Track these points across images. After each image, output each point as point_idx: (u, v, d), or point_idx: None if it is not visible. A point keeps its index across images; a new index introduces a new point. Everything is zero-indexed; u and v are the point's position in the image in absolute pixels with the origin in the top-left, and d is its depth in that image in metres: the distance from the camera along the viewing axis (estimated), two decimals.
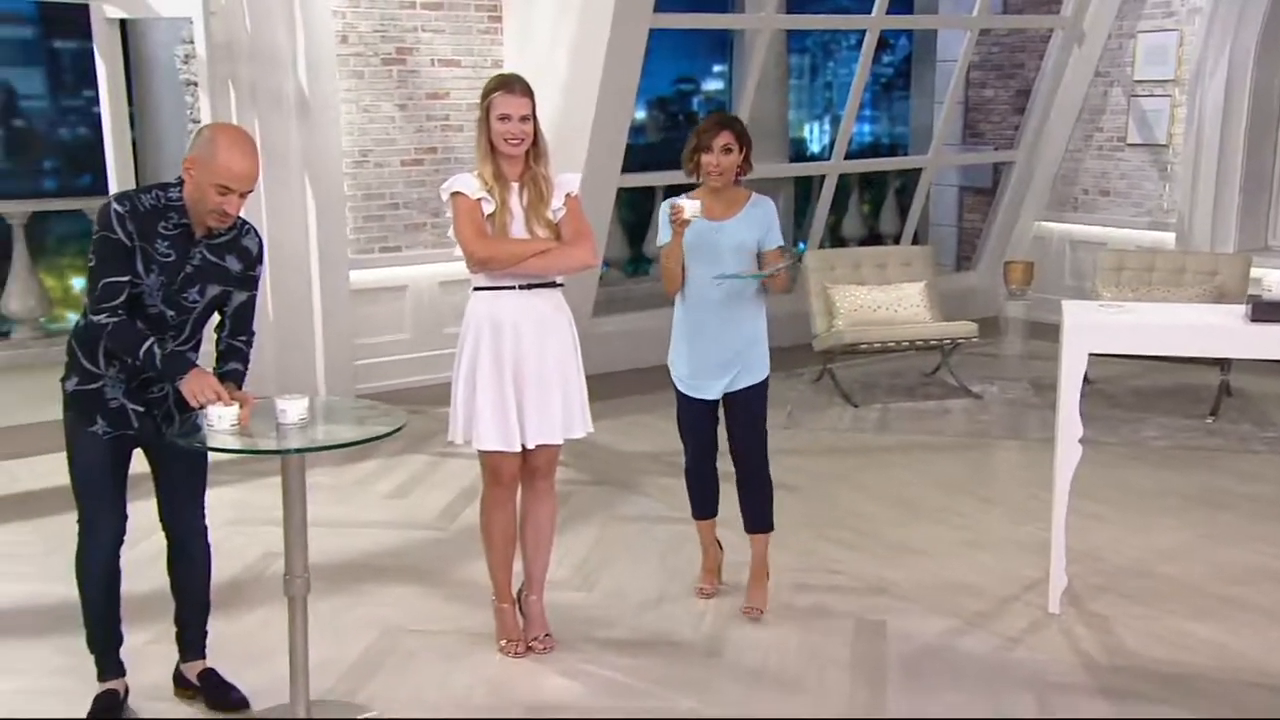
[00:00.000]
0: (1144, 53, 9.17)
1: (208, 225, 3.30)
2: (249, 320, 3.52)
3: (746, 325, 4.25)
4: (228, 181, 3.20)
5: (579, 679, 3.81)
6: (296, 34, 6.78)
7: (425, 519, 5.30)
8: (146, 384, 3.39)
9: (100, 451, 3.40)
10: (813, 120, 14.43)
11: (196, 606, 3.71)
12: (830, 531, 5.15)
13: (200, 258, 3.33)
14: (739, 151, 4.14)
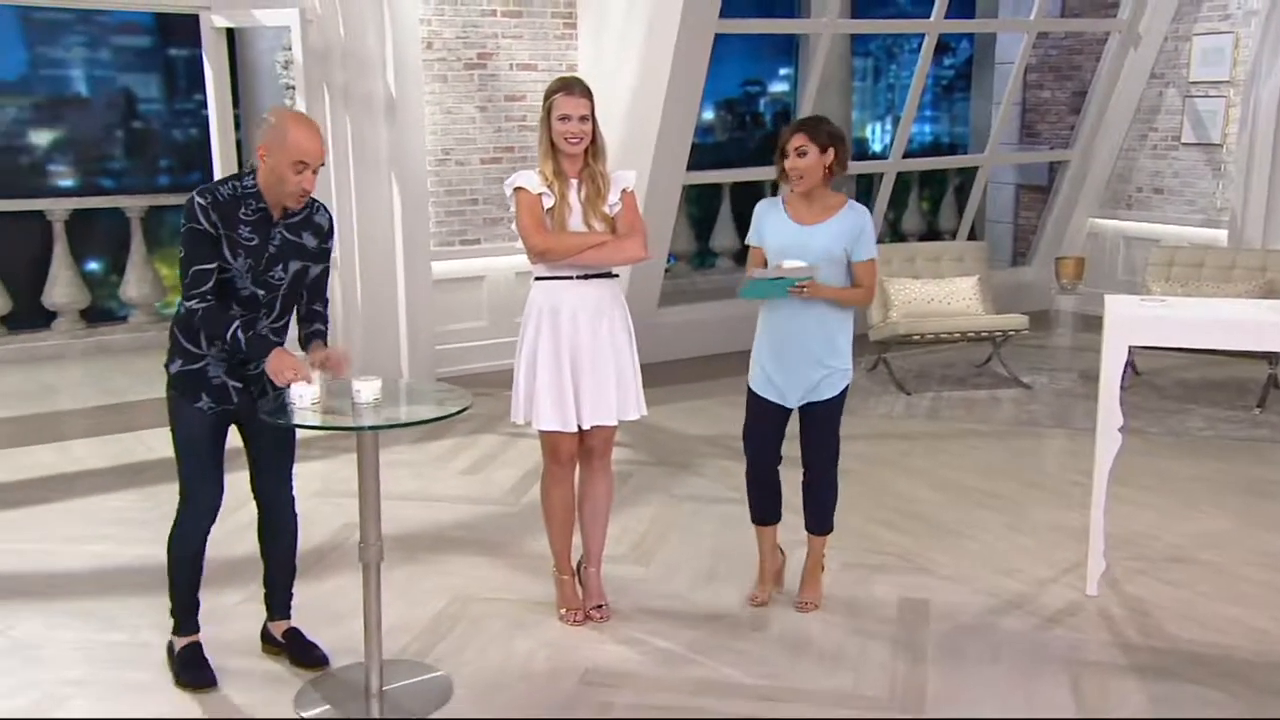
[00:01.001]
0: (1199, 54, 8.88)
1: (285, 206, 3.35)
2: (324, 288, 3.60)
3: (834, 335, 3.93)
4: (303, 158, 3.25)
5: (632, 647, 3.82)
6: (386, 40, 6.86)
7: (496, 494, 5.35)
8: (244, 361, 3.45)
9: (204, 426, 3.47)
10: (875, 120, 14.23)
11: (283, 571, 3.78)
12: (879, 514, 5.09)
13: (280, 238, 3.38)
14: (819, 152, 3.82)
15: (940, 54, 13.62)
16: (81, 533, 4.75)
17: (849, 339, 4.00)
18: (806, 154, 3.85)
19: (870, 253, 3.95)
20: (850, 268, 3.94)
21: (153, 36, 10.74)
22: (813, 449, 4.10)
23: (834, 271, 3.89)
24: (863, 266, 3.94)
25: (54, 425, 6.40)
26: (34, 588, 4.27)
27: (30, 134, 10.26)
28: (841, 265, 3.92)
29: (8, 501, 5.20)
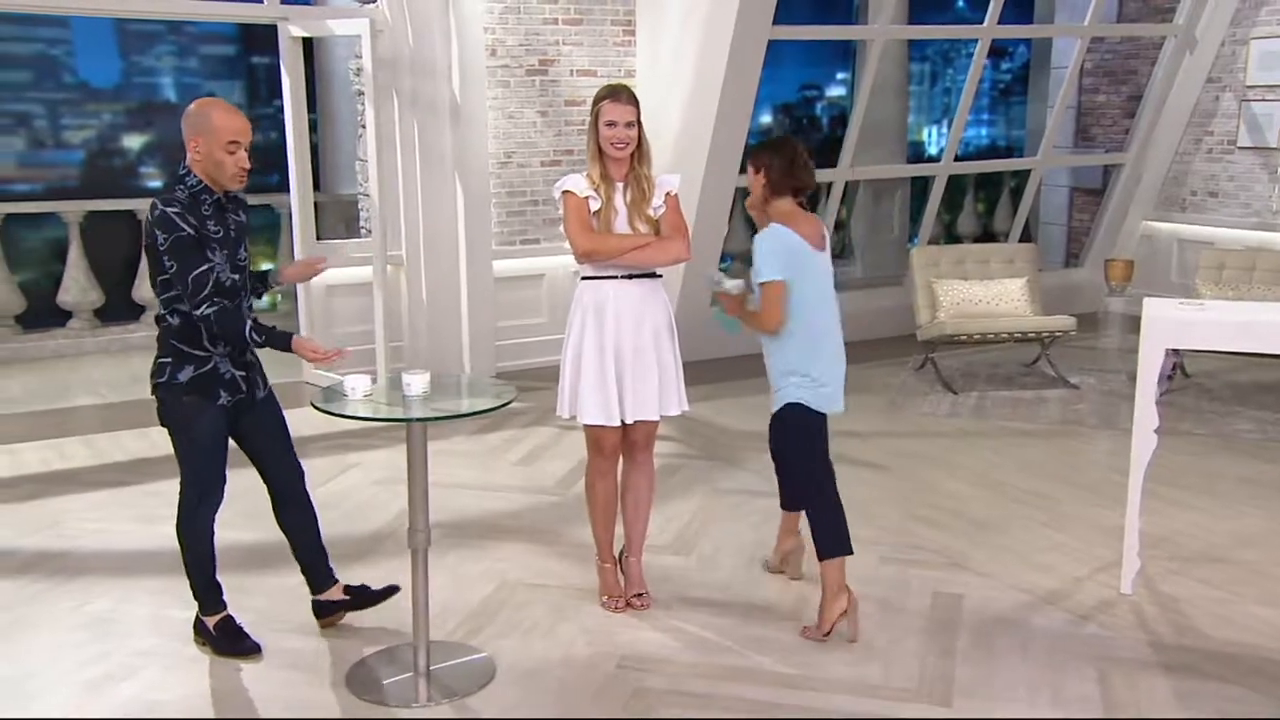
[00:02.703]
0: (1257, 58, 8.64)
1: (227, 191, 3.43)
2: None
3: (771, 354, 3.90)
4: (234, 136, 3.33)
5: (671, 634, 3.84)
6: (451, 48, 6.95)
7: (546, 485, 5.40)
8: (243, 352, 3.56)
9: (219, 422, 3.53)
10: (932, 124, 14.05)
11: (314, 543, 3.84)
12: (918, 509, 5.04)
13: (232, 221, 3.49)
14: (754, 173, 3.83)
15: (997, 58, 13.42)
16: (155, 514, 4.88)
17: (772, 363, 3.92)
18: (750, 177, 3.87)
19: (759, 275, 3.75)
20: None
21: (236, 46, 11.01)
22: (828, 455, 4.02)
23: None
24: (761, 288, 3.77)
25: (138, 412, 6.59)
26: (110, 565, 4.42)
27: (123, 138, 10.57)
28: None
29: (90, 483, 5.38)
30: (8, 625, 3.87)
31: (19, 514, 4.95)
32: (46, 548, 4.58)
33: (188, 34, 10.67)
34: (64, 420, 6.48)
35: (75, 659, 3.64)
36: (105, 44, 10.23)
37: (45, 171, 10.37)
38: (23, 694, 3.43)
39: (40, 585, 4.20)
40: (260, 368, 3.65)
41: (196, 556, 3.65)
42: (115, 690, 3.45)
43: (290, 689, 3.48)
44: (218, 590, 3.72)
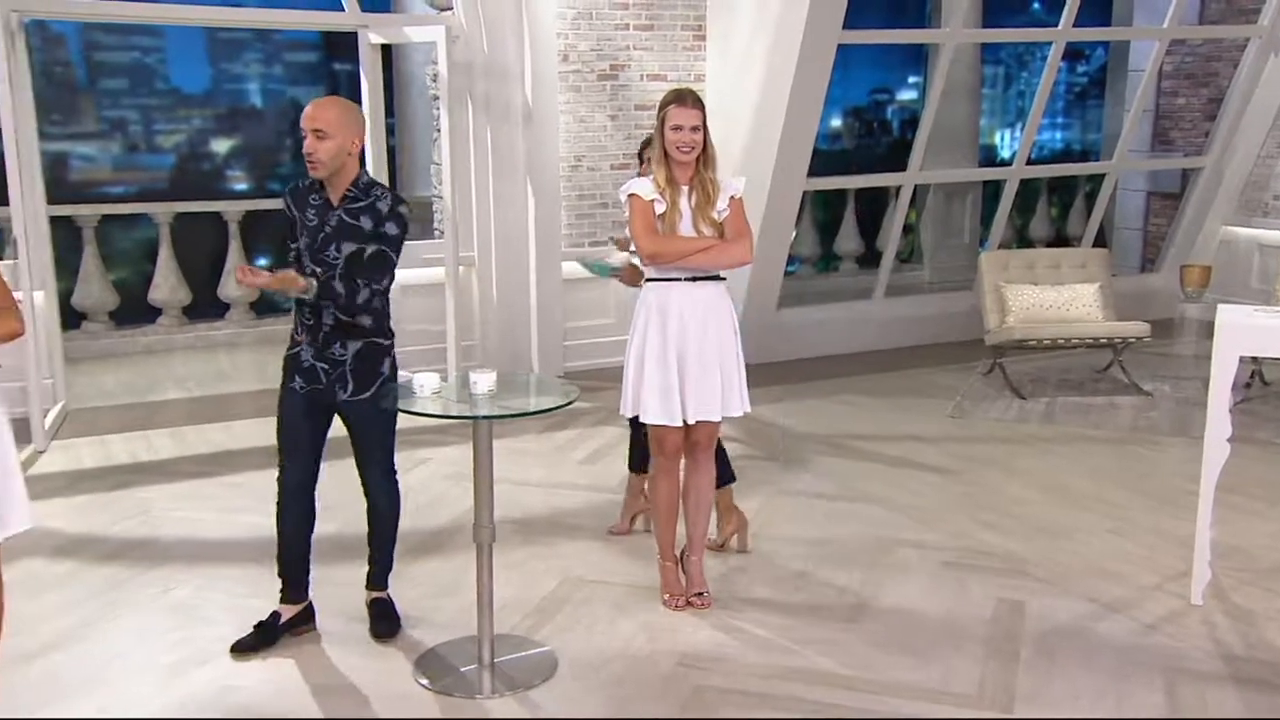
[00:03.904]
0: None
1: (343, 191, 3.49)
2: (368, 268, 3.49)
3: None
4: (301, 125, 3.44)
5: (730, 634, 3.83)
6: (525, 54, 7.02)
7: (611, 483, 5.41)
8: (328, 343, 3.57)
9: (297, 404, 3.63)
10: (1005, 127, 13.79)
11: (377, 547, 3.87)
12: (981, 515, 4.96)
13: (337, 220, 3.50)
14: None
15: (1073, 60, 13.14)
16: (236, 504, 5.02)
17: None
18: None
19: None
20: None
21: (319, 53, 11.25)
22: None
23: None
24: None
25: (224, 406, 6.77)
26: (192, 553, 4.54)
27: (211, 142, 10.88)
28: None
29: (177, 474, 5.54)
30: (97, 610, 4.00)
31: (109, 503, 5.12)
32: (133, 535, 4.73)
33: (273, 42, 10.95)
34: (152, 413, 6.68)
35: (158, 643, 3.76)
36: (196, 52, 10.54)
37: (138, 174, 10.72)
38: (109, 676, 3.54)
39: (127, 572, 4.34)
40: (350, 370, 3.58)
41: (278, 534, 3.75)
42: (195, 674, 3.55)
43: (358, 677, 3.54)
44: (286, 583, 3.79)
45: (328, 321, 3.54)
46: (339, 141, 3.41)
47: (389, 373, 3.65)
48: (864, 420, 6.52)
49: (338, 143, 3.41)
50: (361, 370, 3.58)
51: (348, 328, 3.55)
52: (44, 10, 6.48)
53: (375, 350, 3.60)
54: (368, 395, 3.59)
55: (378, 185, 3.55)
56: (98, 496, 5.20)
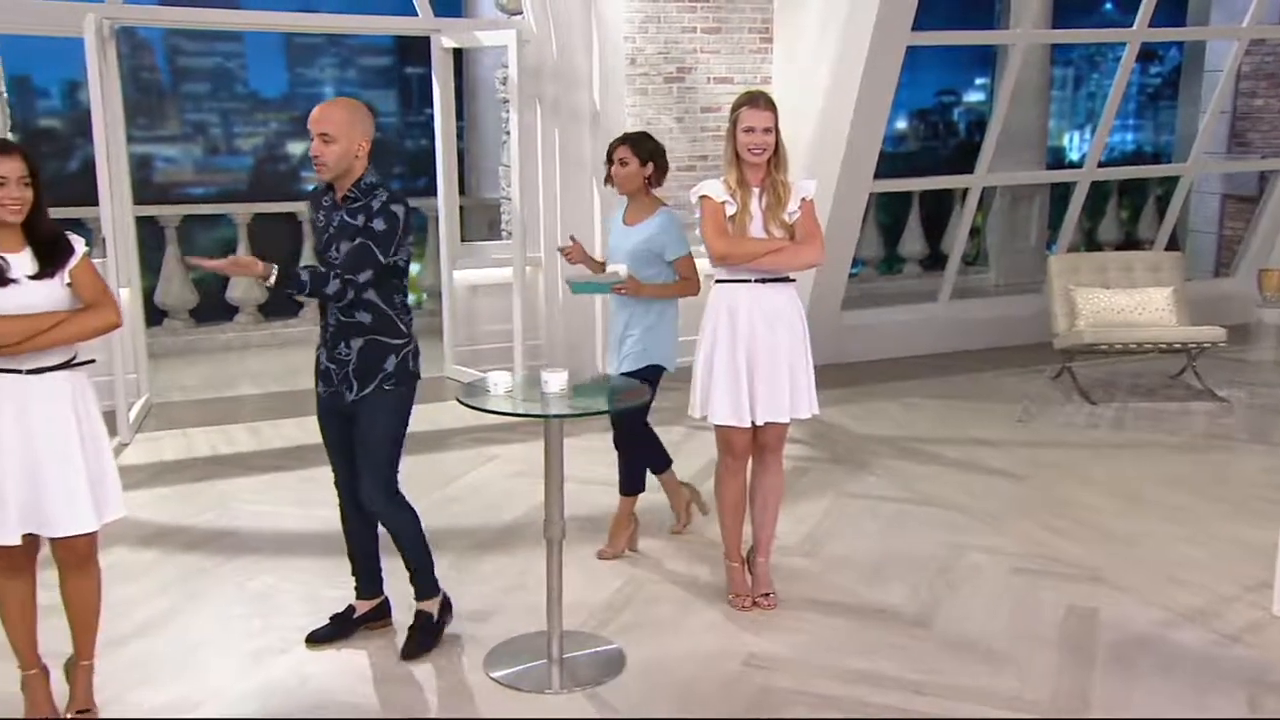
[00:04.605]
0: None
1: (345, 192, 3.41)
2: (345, 259, 3.35)
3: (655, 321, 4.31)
4: (308, 127, 3.39)
5: (796, 635, 3.80)
6: (593, 58, 7.05)
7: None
8: (335, 343, 3.49)
9: (322, 410, 3.61)
10: (1074, 129, 13.51)
11: (406, 564, 3.69)
12: (1052, 521, 4.86)
13: (339, 220, 3.44)
14: (639, 164, 4.22)
15: (1147, 61, 12.83)
16: (311, 498, 5.09)
17: (669, 323, 4.31)
18: (628, 164, 4.25)
19: (679, 250, 4.23)
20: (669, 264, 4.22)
21: (392, 57, 11.41)
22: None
23: (652, 270, 4.21)
24: (679, 262, 4.25)
25: (297, 402, 6.87)
26: (270, 545, 4.63)
27: (287, 145, 11.08)
28: (657, 263, 4.22)
29: (254, 467, 5.65)
30: (181, 598, 4.10)
31: (190, 494, 5.24)
32: (214, 526, 4.83)
33: (348, 46, 11.12)
34: (231, 408, 6.82)
35: (239, 631, 3.84)
36: (274, 57, 10.75)
37: (218, 176, 10.97)
38: (194, 664, 3.62)
39: (208, 561, 4.43)
40: (353, 371, 3.46)
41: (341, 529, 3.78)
42: (274, 662, 3.61)
43: (428, 669, 3.57)
44: (359, 577, 3.82)
45: (332, 321, 3.49)
46: (345, 145, 3.33)
47: (394, 370, 3.46)
48: (929, 423, 6.43)
49: (343, 146, 3.33)
50: (363, 369, 3.45)
51: (350, 326, 3.44)
52: (134, 18, 6.65)
53: (378, 348, 3.45)
54: (368, 393, 3.45)
55: (381, 187, 3.42)
56: (180, 488, 5.32)
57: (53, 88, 10.34)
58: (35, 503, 2.93)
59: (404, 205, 3.41)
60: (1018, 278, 10.13)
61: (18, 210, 2.85)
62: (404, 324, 3.51)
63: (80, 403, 2.99)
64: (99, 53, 5.75)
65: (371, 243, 3.34)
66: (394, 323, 3.47)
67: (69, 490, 2.94)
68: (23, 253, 2.91)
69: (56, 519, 2.95)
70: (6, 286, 2.84)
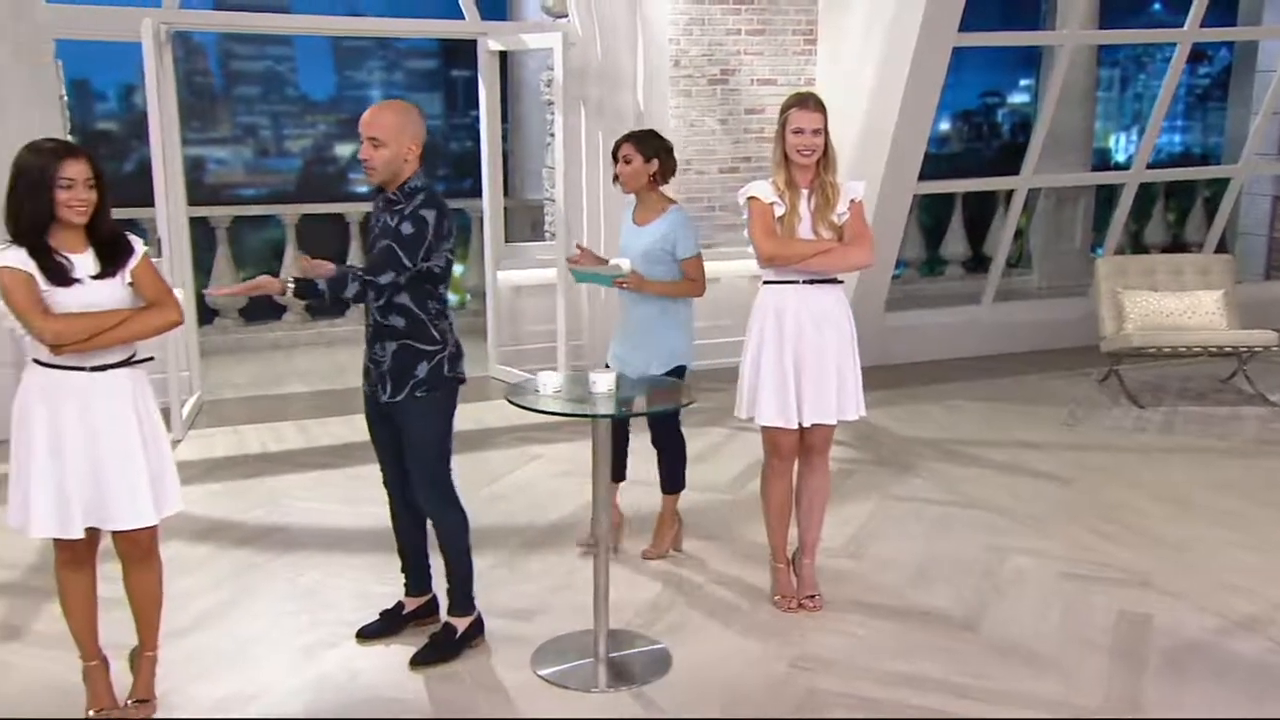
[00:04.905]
0: None
1: (389, 192, 3.40)
2: (370, 261, 3.36)
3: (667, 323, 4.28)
4: (359, 130, 3.36)
5: (842, 637, 3.77)
6: (638, 60, 7.05)
7: (719, 483, 5.39)
8: (373, 343, 3.48)
9: (366, 407, 3.60)
10: (1120, 130, 13.31)
11: (446, 573, 3.65)
12: (1100, 525, 4.78)
13: (383, 222, 3.41)
14: (644, 161, 4.16)
15: (1196, 62, 12.62)
16: (359, 495, 5.11)
17: (682, 322, 4.30)
18: (633, 161, 4.18)
19: (689, 250, 4.21)
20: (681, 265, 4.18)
21: (437, 60, 11.50)
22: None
23: (662, 268, 4.17)
24: (687, 263, 4.21)
25: (344, 400, 6.93)
26: (319, 541, 4.67)
27: (335, 147, 11.21)
28: (667, 261, 4.18)
29: (304, 465, 5.71)
30: (235, 593, 4.15)
31: (241, 490, 5.30)
32: (265, 522, 4.88)
33: (394, 50, 11.23)
34: (280, 406, 6.89)
35: (291, 625, 3.87)
36: (323, 60, 10.88)
37: (268, 177, 11.12)
38: (249, 658, 3.66)
39: (260, 557, 4.48)
40: (387, 371, 3.44)
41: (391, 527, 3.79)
42: (325, 656, 3.65)
43: (476, 666, 3.59)
44: (407, 574, 3.84)
45: (370, 321, 3.49)
46: (394, 149, 3.31)
47: (425, 377, 3.42)
48: (973, 426, 6.36)
49: (392, 150, 3.31)
50: (396, 372, 3.43)
51: (385, 329, 3.42)
52: (189, 23, 6.75)
53: (410, 353, 3.42)
54: (401, 398, 3.43)
55: (423, 191, 3.38)
56: (231, 484, 5.38)
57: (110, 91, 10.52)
58: (98, 498, 2.98)
59: (437, 210, 3.36)
60: (1061, 280, 10.00)
61: (83, 212, 2.90)
62: (438, 330, 3.45)
63: (140, 399, 3.04)
64: (156, 57, 5.84)
65: (397, 246, 3.30)
66: (427, 328, 3.43)
67: (130, 485, 2.99)
68: (85, 253, 2.96)
69: (118, 513, 3.00)
70: (70, 286, 2.89)
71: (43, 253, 2.88)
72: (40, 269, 2.86)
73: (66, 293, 2.89)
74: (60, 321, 2.86)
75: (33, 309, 2.84)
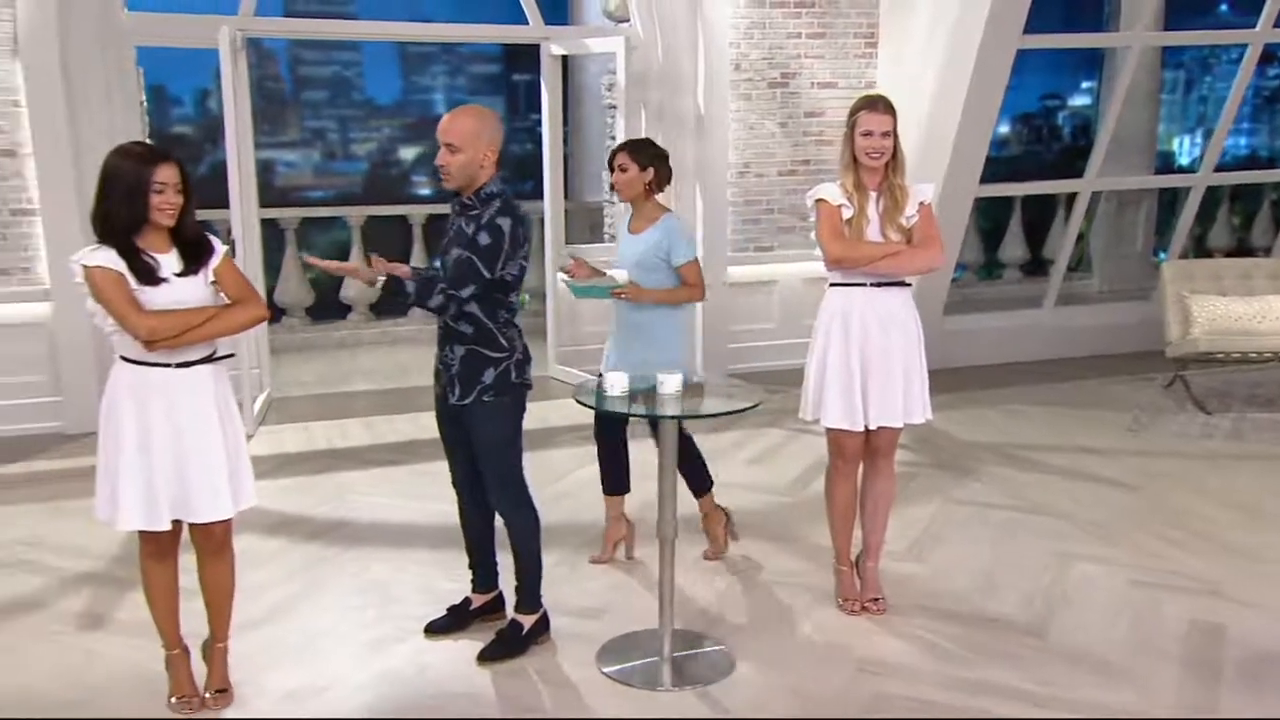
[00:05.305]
0: None
1: (464, 197, 3.39)
2: (449, 272, 3.34)
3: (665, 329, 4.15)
4: (437, 135, 3.34)
5: (907, 641, 3.71)
6: (699, 64, 7.02)
7: (778, 485, 5.34)
8: (443, 345, 3.49)
9: (437, 406, 3.59)
10: (1184, 133, 12.99)
11: (516, 571, 3.66)
12: (1167, 532, 4.66)
13: (457, 226, 3.43)
14: (639, 170, 4.07)
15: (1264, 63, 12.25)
16: (424, 492, 5.15)
17: (677, 332, 4.19)
18: (628, 170, 4.10)
19: (686, 256, 4.08)
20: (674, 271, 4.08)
21: (499, 65, 11.56)
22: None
23: (657, 276, 4.06)
24: (683, 268, 4.09)
25: (408, 398, 6.99)
26: (386, 536, 4.70)
27: (400, 150, 11.32)
28: (662, 269, 4.06)
29: (370, 461, 5.76)
30: (305, 586, 4.19)
31: (310, 486, 5.36)
32: (333, 517, 4.93)
33: (458, 55, 11.31)
34: (346, 403, 6.97)
35: (359, 619, 3.90)
36: (389, 65, 11.00)
37: (335, 180, 11.26)
38: (319, 650, 3.69)
39: (328, 551, 4.53)
40: (456, 375, 3.44)
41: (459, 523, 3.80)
42: (392, 651, 3.66)
43: (542, 663, 3.58)
44: (474, 570, 3.84)
45: (441, 324, 3.48)
46: (470, 155, 3.30)
47: (492, 383, 3.41)
48: (1034, 430, 6.24)
49: (468, 155, 3.30)
50: (464, 376, 3.43)
51: (454, 333, 3.42)
52: (263, 29, 6.85)
53: (478, 359, 3.41)
54: (469, 401, 3.42)
55: (498, 198, 3.37)
56: (301, 479, 5.44)
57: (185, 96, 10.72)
58: (181, 491, 3.03)
59: (512, 218, 3.34)
60: (1122, 284, 9.78)
61: (172, 214, 2.95)
62: (505, 338, 3.44)
63: (221, 395, 3.08)
64: (232, 63, 5.93)
65: (475, 257, 3.29)
66: (495, 336, 3.42)
67: (211, 479, 3.03)
68: (170, 253, 3.00)
69: (199, 506, 3.04)
70: (158, 285, 2.94)
71: (131, 253, 2.93)
72: (129, 268, 2.92)
73: (154, 291, 2.94)
74: (154, 318, 2.91)
75: (127, 306, 2.89)
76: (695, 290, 4.14)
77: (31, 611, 3.96)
